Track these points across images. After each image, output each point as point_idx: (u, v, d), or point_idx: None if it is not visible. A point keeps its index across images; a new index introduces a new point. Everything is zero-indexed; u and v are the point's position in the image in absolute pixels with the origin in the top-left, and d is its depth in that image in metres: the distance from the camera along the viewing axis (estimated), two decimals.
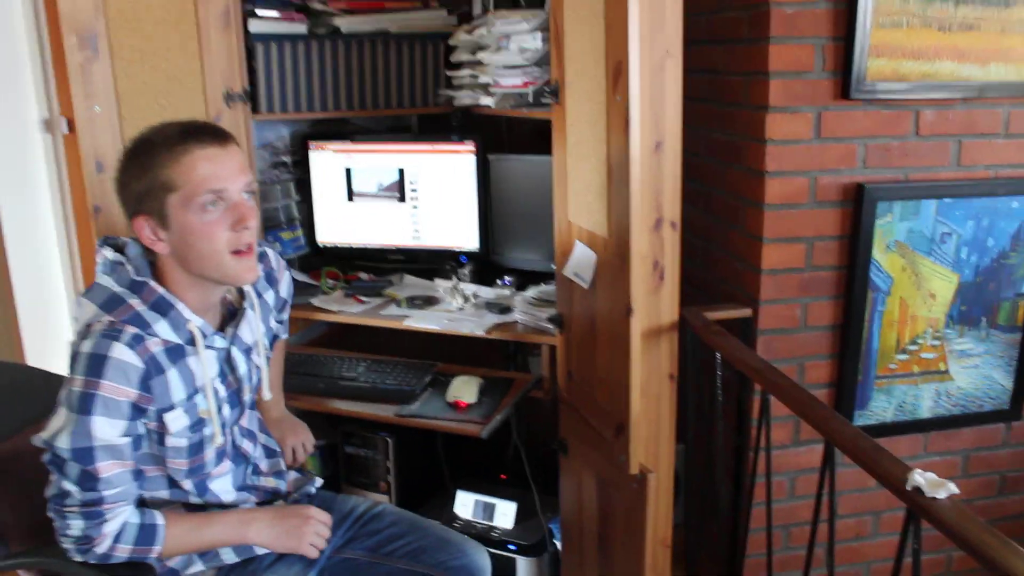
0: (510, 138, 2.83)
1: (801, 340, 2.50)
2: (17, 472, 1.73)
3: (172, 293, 1.56)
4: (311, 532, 1.69)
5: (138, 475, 1.56)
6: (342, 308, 2.48)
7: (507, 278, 2.62)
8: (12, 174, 3.59)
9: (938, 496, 1.48)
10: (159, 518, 1.57)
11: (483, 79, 2.44)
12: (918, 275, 2.49)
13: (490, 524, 2.57)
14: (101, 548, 1.51)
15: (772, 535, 2.26)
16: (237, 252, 1.55)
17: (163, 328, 1.53)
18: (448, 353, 2.56)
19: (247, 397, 1.76)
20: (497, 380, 2.36)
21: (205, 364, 1.59)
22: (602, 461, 2.10)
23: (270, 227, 2.68)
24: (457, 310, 2.44)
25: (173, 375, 1.54)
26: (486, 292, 2.54)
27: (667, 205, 2.19)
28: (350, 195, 2.70)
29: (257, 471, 1.81)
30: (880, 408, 2.58)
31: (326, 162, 2.70)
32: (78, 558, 1.53)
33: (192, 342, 1.58)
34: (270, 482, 1.82)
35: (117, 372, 1.45)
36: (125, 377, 1.46)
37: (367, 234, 2.73)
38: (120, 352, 1.46)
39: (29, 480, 1.70)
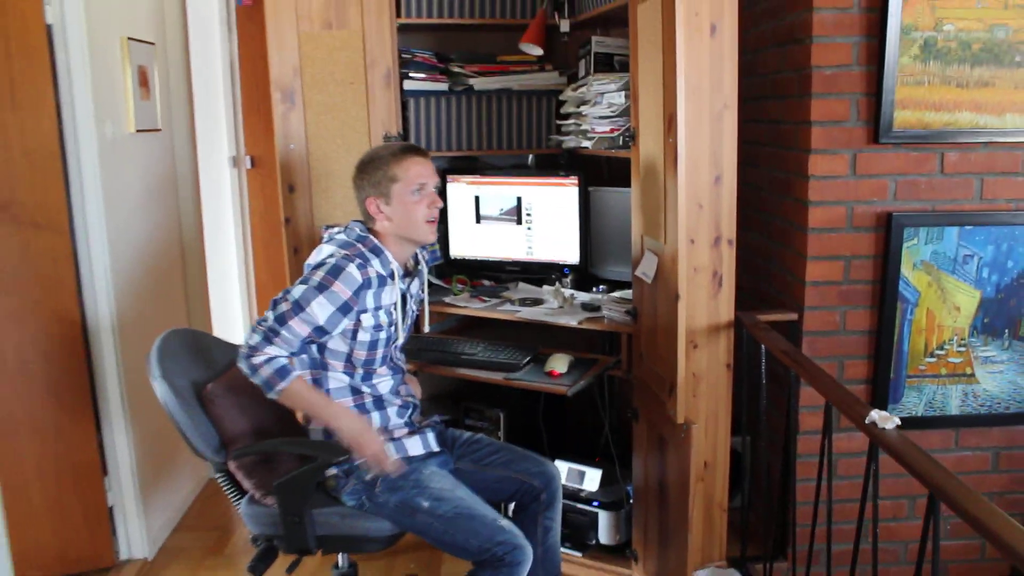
0: (608, 174, 3.45)
1: (841, 342, 3.01)
2: (231, 398, 2.45)
3: (383, 246, 2.36)
4: (374, 450, 2.33)
5: (303, 348, 2.29)
6: (468, 305, 3.14)
7: (601, 287, 3.23)
8: (210, 199, 4.45)
9: (887, 427, 1.99)
10: (295, 372, 2.27)
11: (584, 126, 3.07)
12: (943, 290, 2.97)
13: (579, 487, 3.15)
14: (256, 360, 2.23)
15: (817, 510, 2.76)
16: (428, 221, 2.40)
17: (376, 264, 2.33)
18: (550, 342, 3.18)
19: (404, 329, 2.47)
20: (586, 360, 2.97)
21: (396, 292, 2.38)
22: (661, 420, 2.67)
23: None
24: (558, 308, 3.06)
25: (375, 292, 2.32)
26: (582, 296, 3.16)
27: (724, 226, 2.77)
28: (478, 218, 3.38)
29: (401, 384, 2.52)
30: (911, 403, 3.06)
31: (460, 191, 3.39)
32: (241, 363, 2.25)
33: (392, 277, 2.37)
34: (409, 398, 2.53)
35: (347, 279, 2.25)
36: (349, 285, 2.25)
37: (490, 249, 3.39)
38: (352, 270, 2.26)
39: (241, 404, 2.43)
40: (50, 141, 2.82)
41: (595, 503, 3.09)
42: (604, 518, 3.08)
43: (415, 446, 2.43)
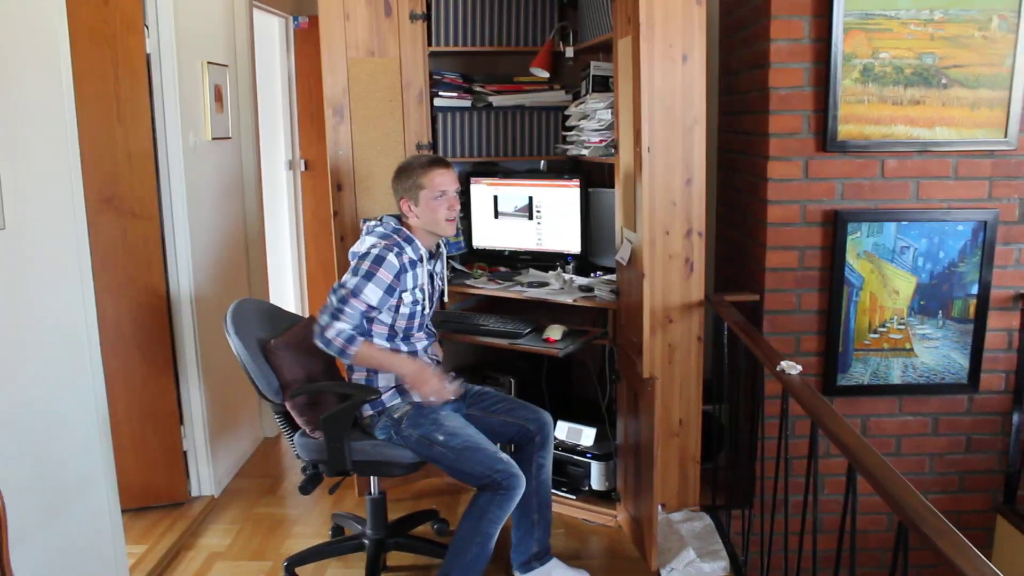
0: (606, 177, 4.03)
1: (796, 320, 3.56)
2: (289, 352, 3.07)
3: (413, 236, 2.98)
4: (433, 385, 2.95)
5: (363, 321, 2.90)
6: (485, 287, 3.74)
7: (598, 272, 3.81)
8: (270, 196, 5.11)
9: (792, 373, 2.54)
10: (360, 339, 2.89)
11: (582, 137, 3.66)
12: (884, 276, 3.51)
13: (577, 442, 3.72)
14: (328, 334, 2.85)
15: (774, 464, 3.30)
16: (448, 220, 3.02)
17: (409, 251, 2.95)
18: (551, 317, 3.75)
19: (433, 301, 3.10)
20: (577, 330, 3.55)
21: (424, 272, 3.00)
22: (635, 379, 3.24)
23: None
24: (559, 289, 3.65)
25: (410, 274, 2.94)
26: (580, 279, 3.74)
27: (695, 220, 3.34)
28: (496, 214, 3.97)
29: (430, 347, 3.15)
30: (858, 373, 3.59)
31: (481, 191, 3.99)
32: (317, 339, 2.87)
33: (421, 260, 2.99)
34: (434, 357, 3.17)
35: (388, 266, 2.88)
36: (390, 271, 2.88)
37: (506, 240, 3.98)
38: (391, 258, 2.89)
39: (296, 357, 3.06)
40: (146, 147, 3.47)
41: (589, 455, 3.67)
42: (596, 468, 3.65)
43: None
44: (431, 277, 3.09)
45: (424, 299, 3.04)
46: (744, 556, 3.21)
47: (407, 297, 2.96)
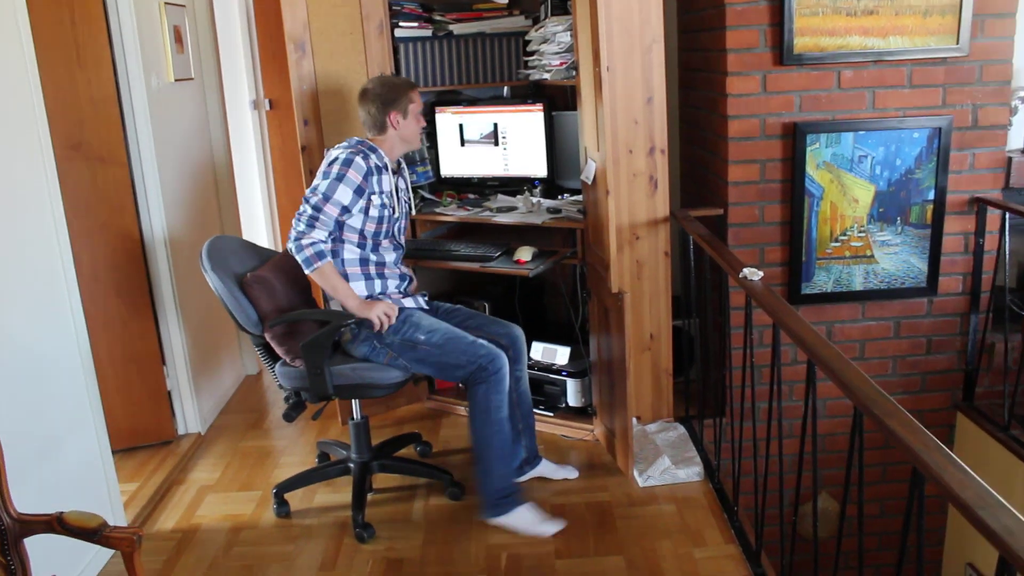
0: (570, 100, 4.07)
1: (760, 232, 3.65)
2: (265, 285, 3.13)
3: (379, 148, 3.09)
4: (377, 311, 3.02)
5: (337, 227, 3.01)
6: (455, 213, 3.80)
7: (565, 194, 3.87)
8: (237, 138, 5.11)
9: (754, 279, 2.64)
10: (328, 258, 2.98)
11: (543, 61, 3.69)
12: (843, 186, 3.60)
13: (552, 362, 3.83)
14: (303, 241, 2.95)
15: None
16: (421, 131, 3.23)
17: (375, 158, 3.05)
18: (521, 240, 3.81)
19: (401, 210, 3.21)
20: (547, 251, 3.62)
21: (390, 181, 3.10)
22: (605, 294, 3.33)
23: (410, 163, 4.02)
24: (528, 212, 3.71)
25: (377, 179, 3.04)
26: (548, 202, 3.80)
27: (657, 138, 3.41)
28: (462, 142, 4.01)
29: (400, 262, 3.25)
30: (822, 281, 3.70)
31: (446, 120, 4.02)
32: (290, 244, 2.97)
33: (386, 168, 3.07)
34: (406, 272, 3.27)
35: (356, 168, 2.98)
36: (359, 172, 2.98)
37: (473, 167, 4.02)
38: (359, 160, 3.00)
39: (272, 289, 3.12)
40: (109, 91, 3.47)
41: (564, 373, 3.77)
42: (571, 385, 3.76)
43: (409, 303, 3.15)
44: (396, 188, 3.20)
45: (391, 207, 3.14)
46: (716, 462, 3.34)
47: (375, 200, 3.05)
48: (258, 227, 5.54)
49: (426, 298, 3.29)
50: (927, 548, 3.96)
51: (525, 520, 3.07)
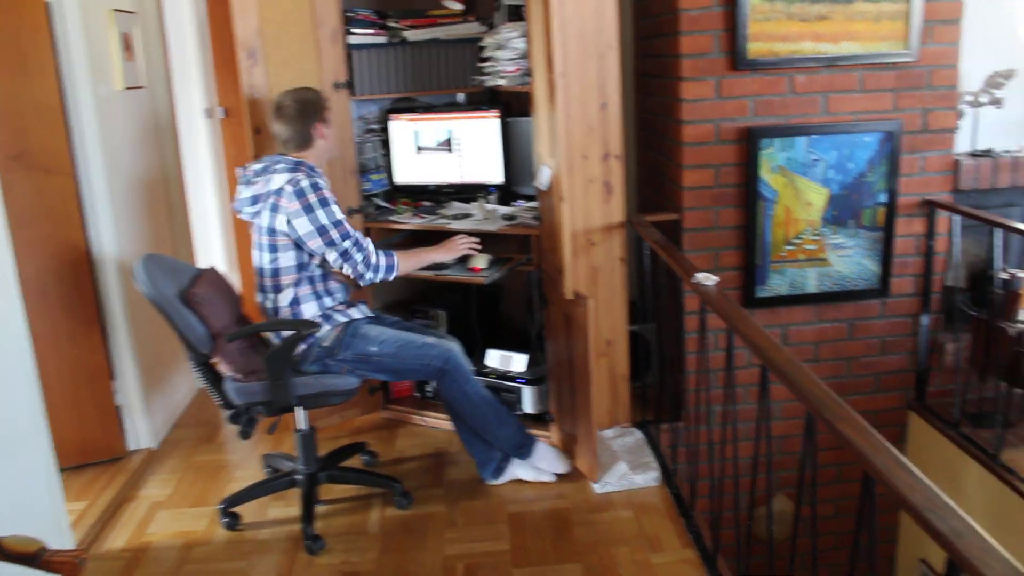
0: (526, 106, 4.05)
1: (715, 236, 3.66)
2: (211, 302, 3.06)
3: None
4: (458, 246, 3.33)
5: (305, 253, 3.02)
6: (409, 221, 3.77)
7: (521, 201, 3.85)
8: (191, 147, 5.04)
9: (708, 284, 2.64)
10: (389, 254, 3.13)
11: (499, 67, 3.67)
12: (797, 189, 3.62)
13: (509, 369, 3.80)
14: (374, 259, 3.06)
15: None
16: None
17: (316, 175, 3.04)
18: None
19: None
20: (503, 258, 3.60)
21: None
22: (560, 299, 3.32)
23: (364, 171, 3.98)
24: (483, 219, 3.69)
25: None
26: (504, 209, 3.78)
27: (612, 144, 3.40)
28: (417, 149, 3.98)
29: None
30: (777, 284, 3.72)
31: (401, 127, 3.98)
32: (371, 275, 3.05)
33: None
34: (347, 281, 3.24)
35: (324, 186, 3.00)
36: (326, 188, 3.01)
37: (428, 175, 3.99)
38: (321, 181, 3.02)
39: (219, 304, 3.05)
40: (53, 100, 3.39)
41: (521, 381, 3.75)
42: (528, 392, 3.74)
43: (355, 312, 3.13)
44: None
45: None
46: (673, 466, 3.33)
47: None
48: (213, 236, 5.45)
49: (364, 303, 3.28)
50: (883, 545, 3.99)
51: (548, 457, 3.37)
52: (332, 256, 3.02)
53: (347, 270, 3.06)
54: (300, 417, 3.20)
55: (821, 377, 3.68)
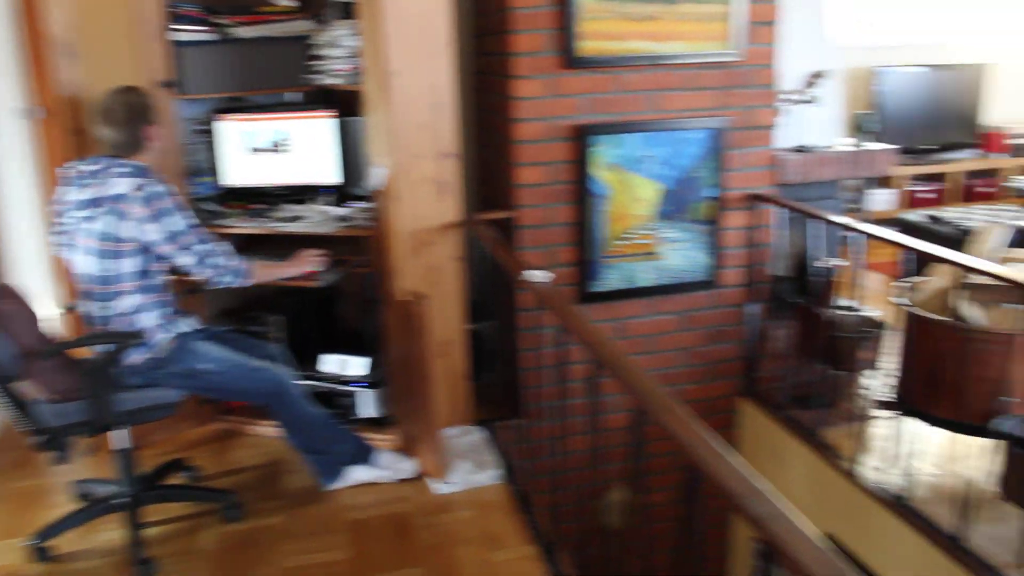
0: (359, 105, 3.99)
1: (550, 233, 3.70)
2: (16, 319, 2.85)
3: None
4: (308, 259, 3.31)
5: (152, 258, 2.87)
6: (240, 225, 3.65)
7: (361, 202, 3.78)
8: (3, 149, 4.73)
9: (539, 281, 2.65)
10: (244, 261, 3.02)
11: (332, 66, 3.60)
12: (629, 185, 3.70)
13: (347, 373, 3.68)
14: (232, 263, 2.94)
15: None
16: None
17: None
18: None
19: None
20: (339, 260, 3.54)
21: None
22: (397, 300, 3.28)
23: (192, 174, 3.83)
24: (317, 221, 3.61)
25: None
26: (340, 210, 3.71)
27: (447, 143, 3.38)
28: (248, 151, 3.86)
29: None
30: (611, 279, 3.79)
31: (230, 129, 3.85)
32: (229, 279, 2.96)
33: None
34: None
35: (170, 190, 2.85)
36: (173, 192, 2.86)
37: (260, 177, 3.88)
38: (163, 184, 2.84)
39: (22, 321, 2.85)
40: None
41: (360, 384, 3.67)
42: (368, 396, 3.66)
43: (184, 326, 2.99)
44: None
45: None
46: (515, 463, 3.35)
47: None
48: (33, 245, 5.13)
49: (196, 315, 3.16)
50: (718, 529, 4.12)
51: (389, 461, 3.33)
52: (187, 261, 2.89)
53: (204, 275, 2.94)
54: (120, 436, 3.03)
55: (656, 368, 3.80)
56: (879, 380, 3.71)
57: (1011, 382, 3.03)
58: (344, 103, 3.85)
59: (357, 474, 3.29)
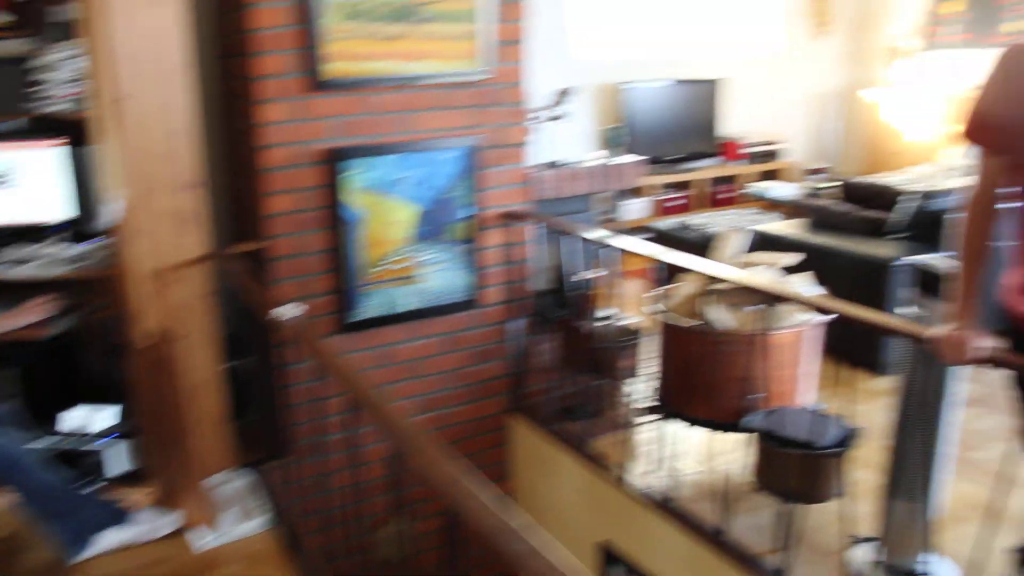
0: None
1: (304, 263, 3.56)
2: None
3: None
4: None
5: None
6: None
7: (97, 239, 3.48)
8: None
9: (288, 316, 2.54)
10: None
11: (55, 91, 3.30)
12: (385, 209, 3.63)
13: (92, 429, 3.37)
14: None
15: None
16: None
17: None
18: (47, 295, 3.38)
19: None
20: (75, 305, 3.26)
21: None
22: (145, 343, 3.05)
23: None
24: (47, 263, 3.29)
25: None
26: (74, 249, 3.40)
27: (188, 173, 3.17)
28: None
29: None
30: (369, 306, 3.70)
31: None
32: None
33: None
34: None
35: None
36: None
37: None
38: None
39: None
40: None
41: (113, 436, 3.39)
42: (120, 449, 3.38)
43: None
44: None
45: None
46: (284, 505, 3.20)
47: None
48: None
49: None
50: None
51: (145, 518, 3.04)
52: None
53: None
54: None
55: (423, 392, 3.77)
56: (640, 386, 3.85)
57: (756, 379, 3.22)
58: (74, 131, 3.54)
59: (108, 538, 2.98)
